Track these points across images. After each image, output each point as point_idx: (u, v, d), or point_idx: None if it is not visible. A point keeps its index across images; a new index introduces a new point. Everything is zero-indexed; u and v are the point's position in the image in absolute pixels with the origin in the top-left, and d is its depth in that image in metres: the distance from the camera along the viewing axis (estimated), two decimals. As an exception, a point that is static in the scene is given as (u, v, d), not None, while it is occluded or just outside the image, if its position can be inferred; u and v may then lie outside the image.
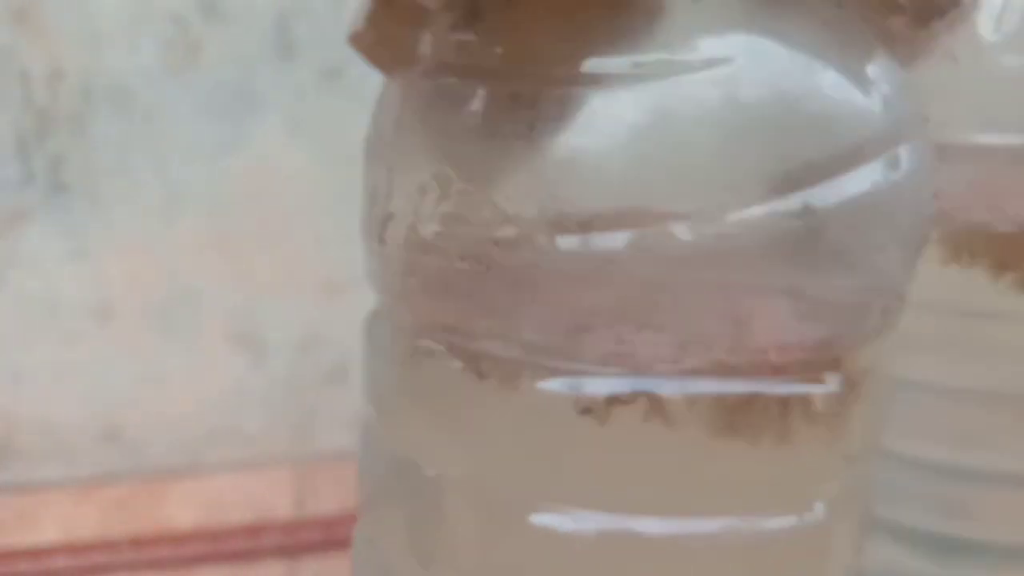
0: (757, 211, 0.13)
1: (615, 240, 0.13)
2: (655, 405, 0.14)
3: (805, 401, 0.14)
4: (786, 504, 0.15)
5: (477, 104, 0.14)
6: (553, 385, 0.14)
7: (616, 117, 0.13)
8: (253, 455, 0.38)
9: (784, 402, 0.14)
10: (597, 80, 0.13)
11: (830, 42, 0.14)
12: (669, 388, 0.14)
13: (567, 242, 0.13)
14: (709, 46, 0.13)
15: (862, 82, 0.14)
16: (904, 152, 0.14)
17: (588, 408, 0.14)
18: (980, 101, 0.20)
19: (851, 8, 0.14)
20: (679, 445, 0.14)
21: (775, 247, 0.13)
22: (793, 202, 0.13)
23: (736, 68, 0.13)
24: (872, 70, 0.14)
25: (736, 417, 0.14)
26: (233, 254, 0.36)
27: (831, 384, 0.14)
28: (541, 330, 0.14)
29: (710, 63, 0.13)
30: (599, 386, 0.14)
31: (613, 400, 0.14)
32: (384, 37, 0.15)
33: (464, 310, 0.15)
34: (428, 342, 0.15)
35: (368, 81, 0.17)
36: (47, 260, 0.35)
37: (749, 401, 0.14)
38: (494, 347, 0.14)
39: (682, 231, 0.13)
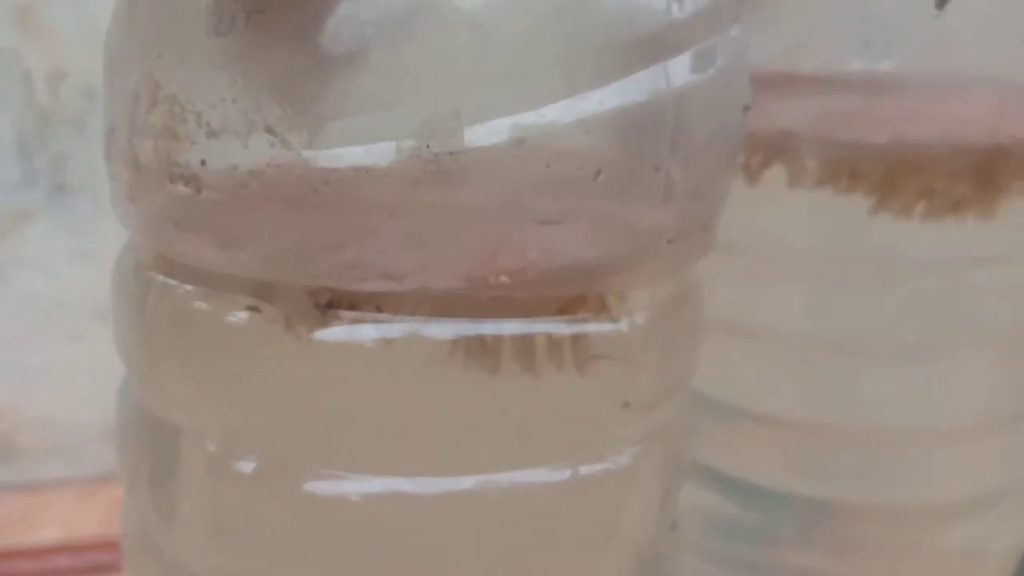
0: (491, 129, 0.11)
1: (347, 156, 0.11)
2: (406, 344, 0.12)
3: (576, 341, 0.12)
4: (569, 454, 0.13)
5: None
6: (316, 330, 0.12)
7: (355, 18, 0.11)
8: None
9: (554, 343, 0.12)
10: None
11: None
12: (411, 328, 0.12)
13: (285, 160, 0.11)
14: None
15: None
16: (708, 51, 0.12)
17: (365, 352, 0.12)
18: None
19: None
20: (444, 389, 0.12)
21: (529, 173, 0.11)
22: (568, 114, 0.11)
23: None
24: None
25: (495, 358, 0.12)
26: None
27: (604, 323, 0.12)
28: (274, 263, 0.12)
29: None
30: (372, 331, 0.12)
31: (386, 342, 0.12)
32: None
33: (192, 241, 0.12)
34: (167, 279, 0.13)
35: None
36: (50, 260, 0.35)
37: (517, 342, 0.12)
38: (229, 284, 0.12)
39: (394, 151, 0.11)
